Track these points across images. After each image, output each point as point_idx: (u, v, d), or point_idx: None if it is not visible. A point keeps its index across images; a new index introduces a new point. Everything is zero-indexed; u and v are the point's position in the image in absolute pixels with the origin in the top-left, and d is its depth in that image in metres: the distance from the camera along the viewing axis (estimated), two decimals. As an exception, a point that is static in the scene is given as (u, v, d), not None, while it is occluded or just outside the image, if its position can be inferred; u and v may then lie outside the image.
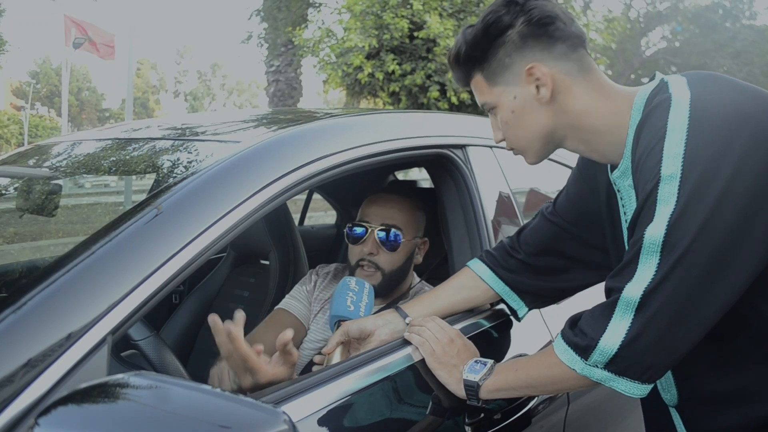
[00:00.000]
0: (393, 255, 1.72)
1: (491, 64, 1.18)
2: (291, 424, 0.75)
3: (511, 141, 1.25)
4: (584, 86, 1.16)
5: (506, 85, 1.18)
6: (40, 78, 49.88)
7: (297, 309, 1.80)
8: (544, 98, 1.15)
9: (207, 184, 1.11)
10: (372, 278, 1.69)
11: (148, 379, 0.80)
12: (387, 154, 1.45)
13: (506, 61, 1.16)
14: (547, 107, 1.16)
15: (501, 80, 1.18)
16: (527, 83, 1.16)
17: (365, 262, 1.71)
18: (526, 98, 1.17)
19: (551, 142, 1.21)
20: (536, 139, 1.21)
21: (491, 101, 1.22)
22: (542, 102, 1.16)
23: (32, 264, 1.57)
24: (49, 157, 1.75)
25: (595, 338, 1.06)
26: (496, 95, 1.20)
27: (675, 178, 0.97)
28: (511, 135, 1.23)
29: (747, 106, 1.00)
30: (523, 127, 1.20)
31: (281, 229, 2.33)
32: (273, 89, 16.66)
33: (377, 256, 1.71)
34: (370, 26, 11.28)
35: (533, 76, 1.14)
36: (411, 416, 1.28)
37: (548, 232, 1.45)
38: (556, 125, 1.18)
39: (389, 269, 1.71)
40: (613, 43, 19.44)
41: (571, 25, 1.15)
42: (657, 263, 0.99)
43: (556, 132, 1.19)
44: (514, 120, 1.20)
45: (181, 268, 1.00)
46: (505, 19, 1.15)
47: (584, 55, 1.17)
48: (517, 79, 1.16)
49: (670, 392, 1.23)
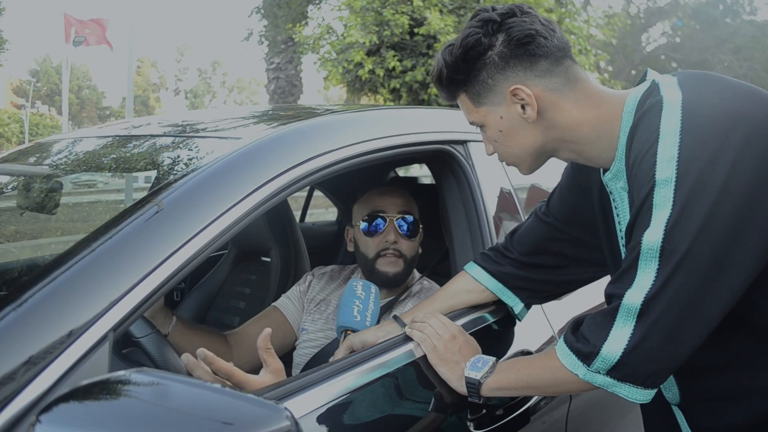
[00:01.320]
0: (413, 242, 1.75)
1: (474, 86, 1.17)
2: (293, 421, 0.75)
3: (502, 156, 1.25)
4: (572, 99, 1.14)
5: (491, 105, 1.17)
6: (41, 76, 49.85)
7: (288, 309, 1.82)
8: (531, 118, 1.14)
9: (207, 181, 1.11)
10: (395, 265, 1.71)
11: (149, 375, 0.80)
12: (388, 150, 1.44)
13: (489, 82, 1.15)
14: (535, 125, 1.16)
15: (485, 101, 1.18)
16: (512, 103, 1.15)
17: (389, 250, 1.72)
18: (512, 118, 1.16)
19: (542, 155, 1.21)
20: (527, 155, 1.21)
21: (478, 120, 1.21)
22: (529, 121, 1.15)
23: (33, 262, 1.57)
24: (50, 155, 1.75)
25: (598, 345, 1.05)
26: (482, 115, 1.20)
27: (670, 182, 0.97)
28: (501, 152, 1.24)
29: (740, 105, 1.00)
30: (511, 145, 1.20)
31: (282, 226, 2.33)
32: (273, 86, 16.65)
33: (399, 243, 1.73)
34: (370, 22, 11.25)
35: (517, 97, 1.13)
36: (412, 413, 1.28)
37: (541, 231, 1.45)
38: (545, 140, 1.18)
39: (410, 256, 1.75)
40: (613, 38, 19.39)
41: (552, 38, 1.13)
42: (656, 269, 0.99)
43: (546, 146, 1.19)
44: (502, 138, 1.20)
45: (181, 265, 1.00)
46: (483, 41, 1.13)
47: (570, 66, 1.15)
48: (501, 99, 1.16)
49: (672, 391, 1.23)
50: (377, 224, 1.74)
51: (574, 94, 1.14)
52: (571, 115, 1.14)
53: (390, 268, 1.72)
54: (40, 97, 49.61)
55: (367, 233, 1.76)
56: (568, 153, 1.20)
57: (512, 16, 1.13)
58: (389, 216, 1.74)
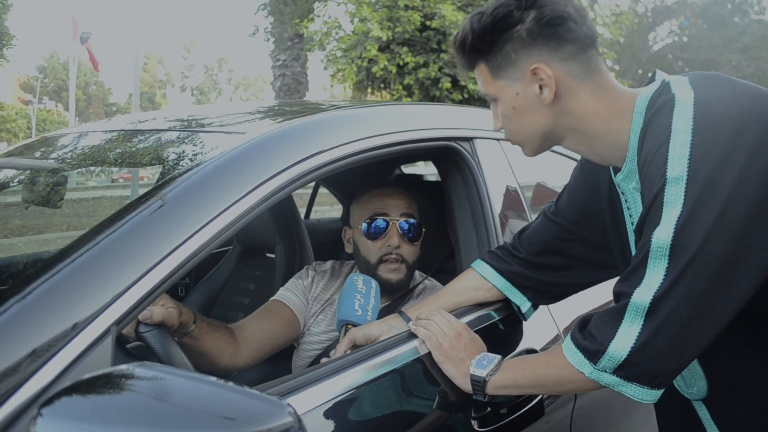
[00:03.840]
0: (414, 247, 1.71)
1: (496, 57, 1.15)
2: (296, 417, 0.74)
3: (508, 133, 1.24)
4: (589, 89, 1.13)
5: (510, 80, 1.16)
6: (48, 72, 50.02)
7: (292, 301, 1.75)
8: (547, 99, 1.13)
9: (211, 176, 1.11)
10: (398, 272, 1.67)
11: (152, 370, 0.80)
12: (394, 146, 1.44)
13: (512, 57, 1.14)
14: (549, 108, 1.14)
15: (505, 74, 1.16)
16: (531, 82, 1.13)
17: (392, 255, 1.68)
18: (528, 96, 1.15)
19: (549, 140, 1.20)
20: (534, 136, 1.19)
21: (493, 93, 1.19)
22: (544, 102, 1.14)
23: (37, 256, 1.57)
24: (56, 149, 1.75)
25: (605, 343, 1.05)
26: (498, 88, 1.18)
27: (681, 180, 0.96)
28: (510, 129, 1.22)
29: (752, 106, 0.99)
30: (521, 124, 1.18)
31: (287, 222, 2.33)
32: (279, 83, 16.64)
33: (401, 248, 1.69)
34: (383, 18, 11.24)
35: (537, 76, 1.12)
36: (417, 410, 1.27)
37: (550, 231, 1.44)
38: (555, 125, 1.16)
39: (412, 260, 1.71)
40: (621, 37, 19.33)
41: (582, 25, 1.12)
42: (666, 267, 0.98)
43: (554, 132, 1.18)
44: (514, 115, 1.18)
45: (185, 259, 1.00)
46: (515, 14, 1.12)
47: (593, 56, 1.14)
48: (521, 76, 1.14)
49: (698, 385, 1.21)
50: (379, 227, 1.69)
51: (592, 85, 1.13)
52: (585, 105, 1.13)
53: (393, 275, 1.68)
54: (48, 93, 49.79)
55: (368, 236, 1.71)
56: (575, 143, 1.19)
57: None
58: (392, 219, 1.70)
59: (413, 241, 1.71)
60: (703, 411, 1.24)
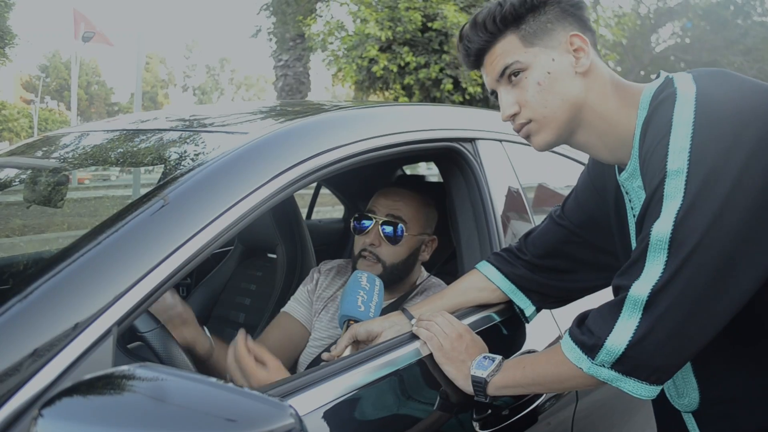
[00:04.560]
0: (395, 248, 1.71)
1: (532, 25, 1.15)
2: (297, 418, 0.74)
3: (534, 109, 1.15)
4: (602, 75, 1.15)
5: (545, 47, 1.15)
6: (50, 72, 50.07)
7: (299, 313, 1.81)
8: (584, 67, 1.13)
9: (213, 176, 1.10)
10: (372, 269, 1.69)
11: (153, 371, 0.79)
12: (396, 147, 1.43)
13: (549, 26, 1.15)
14: (581, 79, 1.14)
15: (540, 42, 1.15)
16: (567, 52, 1.14)
17: (367, 252, 1.71)
18: (563, 63, 1.14)
19: (573, 120, 1.15)
20: (565, 108, 1.14)
21: (525, 61, 1.14)
22: (578, 71, 1.13)
23: (39, 255, 1.57)
24: (57, 148, 1.75)
25: (602, 337, 1.04)
26: (532, 55, 1.14)
27: (681, 172, 0.95)
28: (540, 100, 1.14)
29: (755, 102, 0.99)
30: (555, 92, 1.14)
31: (289, 222, 2.32)
32: (281, 84, 16.65)
33: (379, 247, 1.70)
34: (384, 18, 11.24)
35: (574, 46, 1.13)
36: (418, 411, 1.27)
37: (556, 234, 1.44)
38: (585, 100, 1.14)
39: (390, 262, 1.71)
40: (623, 38, 19.30)
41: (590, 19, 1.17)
42: (665, 261, 0.97)
43: (582, 109, 1.14)
44: (548, 82, 1.13)
45: (187, 260, 0.99)
46: None
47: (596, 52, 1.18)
48: (558, 44, 1.14)
49: (690, 396, 1.20)
50: (363, 224, 1.73)
51: (603, 73, 1.16)
52: (604, 84, 1.15)
53: (367, 270, 1.69)
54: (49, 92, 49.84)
55: (354, 230, 1.77)
56: (588, 133, 1.17)
57: None
58: (376, 218, 1.72)
59: (393, 243, 1.71)
60: (692, 424, 1.23)
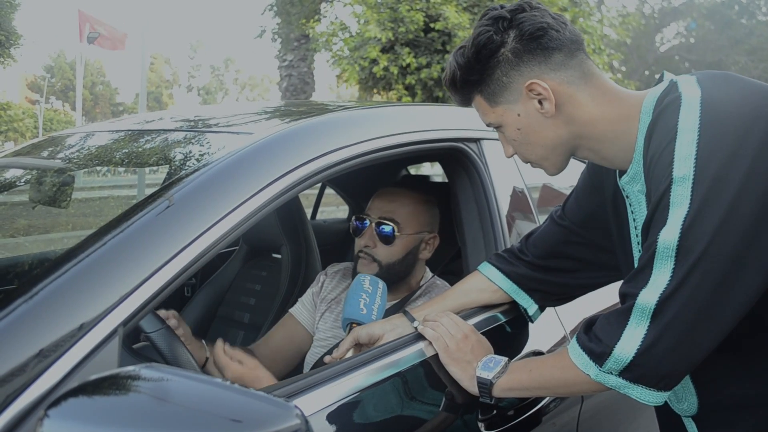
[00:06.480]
0: (390, 248, 1.72)
1: (489, 85, 1.15)
2: (303, 419, 0.74)
3: (525, 156, 1.22)
4: (588, 93, 1.12)
5: (508, 103, 1.15)
6: (55, 72, 50.16)
7: (303, 316, 1.85)
8: (549, 112, 1.12)
9: (219, 176, 1.10)
10: (369, 269, 1.70)
11: (159, 371, 0.79)
12: (400, 147, 1.43)
13: (504, 80, 1.13)
14: (554, 120, 1.13)
15: (502, 99, 1.15)
16: (529, 99, 1.13)
17: (363, 253, 1.72)
18: (530, 114, 1.14)
19: (566, 151, 1.18)
20: (550, 151, 1.18)
21: (495, 121, 1.19)
22: (547, 116, 1.13)
23: (44, 256, 1.57)
24: (63, 149, 1.75)
25: (610, 345, 1.04)
26: (499, 115, 1.17)
27: (687, 179, 0.95)
28: (523, 151, 1.21)
29: (760, 104, 0.98)
30: (533, 143, 1.17)
31: (293, 223, 2.33)
32: (286, 84, 16.68)
33: (375, 248, 1.71)
34: (385, 19, 11.22)
35: (534, 92, 1.12)
36: (423, 412, 1.27)
37: (556, 234, 1.43)
38: (567, 135, 1.15)
39: (386, 262, 1.71)
40: (627, 38, 19.27)
41: (564, 30, 1.12)
42: (672, 268, 0.97)
43: (568, 141, 1.16)
44: (522, 137, 1.18)
45: (192, 260, 0.99)
46: (495, 39, 1.11)
47: (584, 60, 1.13)
48: (518, 96, 1.14)
49: (689, 401, 1.20)
50: (359, 226, 1.75)
51: (590, 89, 1.12)
52: (588, 110, 1.12)
53: (364, 270, 1.71)
54: (54, 92, 49.92)
55: (353, 232, 1.78)
56: (586, 151, 1.18)
57: (522, 12, 1.12)
58: (371, 219, 1.74)
59: (386, 243, 1.72)
60: (693, 429, 1.22)
